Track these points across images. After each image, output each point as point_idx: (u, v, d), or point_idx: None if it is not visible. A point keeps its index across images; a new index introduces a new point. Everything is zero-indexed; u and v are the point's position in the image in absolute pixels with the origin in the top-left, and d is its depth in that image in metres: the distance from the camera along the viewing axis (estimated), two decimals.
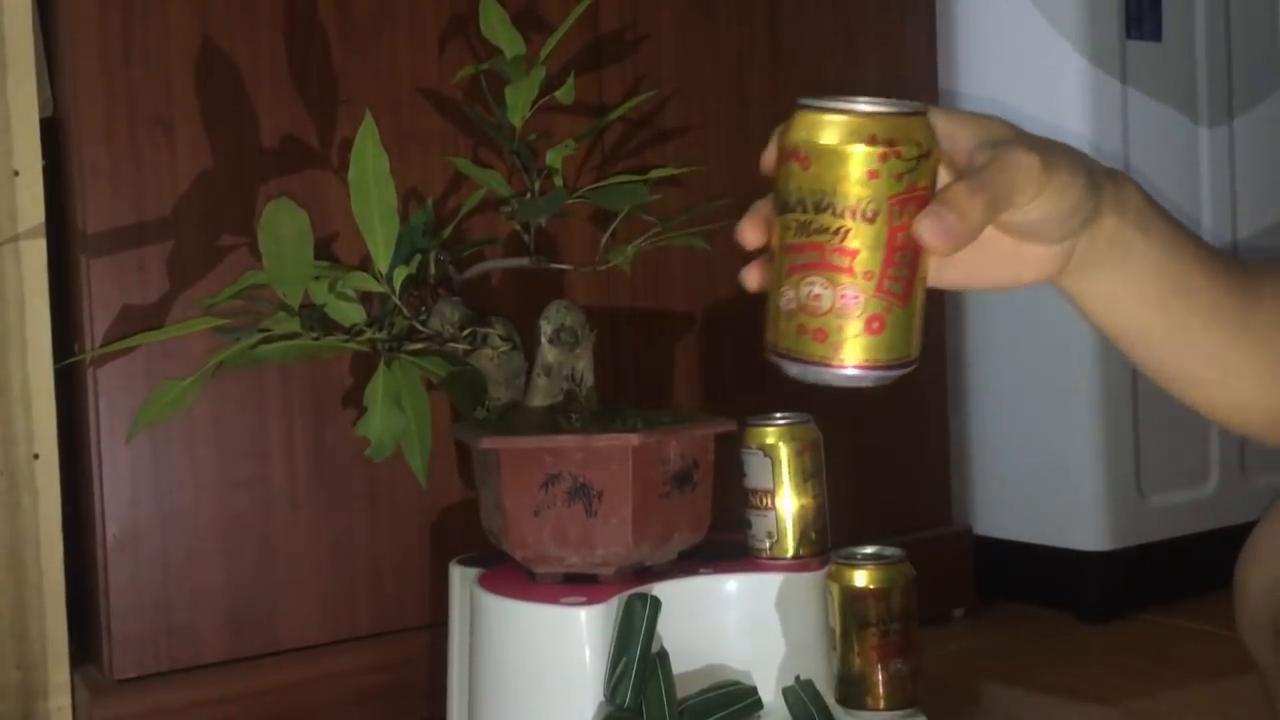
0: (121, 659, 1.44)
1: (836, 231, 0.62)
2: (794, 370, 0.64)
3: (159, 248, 1.45)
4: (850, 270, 0.62)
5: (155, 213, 1.45)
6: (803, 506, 1.24)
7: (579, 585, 1.21)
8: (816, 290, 0.63)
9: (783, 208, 0.64)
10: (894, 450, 1.96)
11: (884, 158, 0.62)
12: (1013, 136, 0.66)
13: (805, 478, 1.24)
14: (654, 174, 1.41)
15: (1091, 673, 1.77)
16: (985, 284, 0.71)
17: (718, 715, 1.16)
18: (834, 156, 0.62)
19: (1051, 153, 0.65)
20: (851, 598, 1.14)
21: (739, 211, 0.67)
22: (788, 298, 0.64)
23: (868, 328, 0.63)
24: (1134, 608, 1.98)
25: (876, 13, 1.95)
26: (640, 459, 1.20)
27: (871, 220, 0.62)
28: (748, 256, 0.68)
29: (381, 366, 1.24)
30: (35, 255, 1.45)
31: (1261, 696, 0.89)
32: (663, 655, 1.15)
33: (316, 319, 1.23)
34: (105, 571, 1.43)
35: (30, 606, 1.46)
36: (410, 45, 1.58)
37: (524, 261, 1.34)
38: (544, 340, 1.29)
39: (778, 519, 1.23)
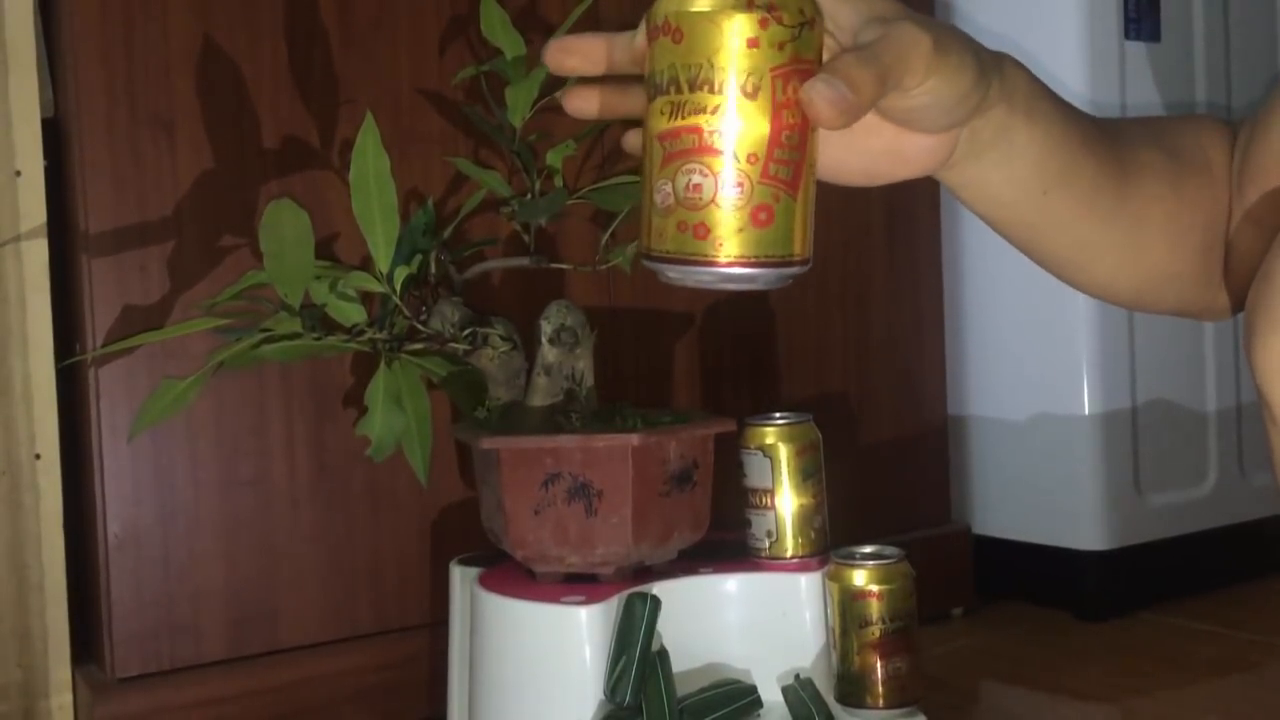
0: (123, 657, 1.44)
1: (715, 110, 0.56)
2: (673, 273, 0.58)
3: (160, 248, 1.45)
4: (733, 154, 0.56)
5: (156, 213, 1.45)
6: (802, 506, 1.24)
7: (579, 584, 1.21)
8: (695, 179, 0.56)
9: (654, 91, 0.57)
10: (893, 450, 1.96)
11: (764, 23, 0.56)
12: (901, 14, 0.61)
13: (805, 477, 1.24)
14: None
15: (1090, 671, 1.77)
16: (860, 177, 0.66)
17: (717, 714, 1.17)
18: (709, 24, 0.56)
19: (942, 34, 0.61)
20: (851, 597, 1.14)
21: None
22: (664, 193, 0.57)
23: (754, 219, 0.56)
24: (1132, 606, 1.98)
25: None
26: (640, 459, 1.20)
27: (753, 96, 0.56)
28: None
29: (382, 366, 1.24)
30: (37, 255, 1.46)
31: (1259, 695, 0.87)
32: (663, 654, 1.15)
33: (317, 319, 1.23)
34: (106, 570, 1.43)
35: (32, 605, 1.46)
36: (411, 46, 1.59)
37: (524, 261, 1.34)
38: (544, 340, 1.29)
39: (777, 518, 1.23)
